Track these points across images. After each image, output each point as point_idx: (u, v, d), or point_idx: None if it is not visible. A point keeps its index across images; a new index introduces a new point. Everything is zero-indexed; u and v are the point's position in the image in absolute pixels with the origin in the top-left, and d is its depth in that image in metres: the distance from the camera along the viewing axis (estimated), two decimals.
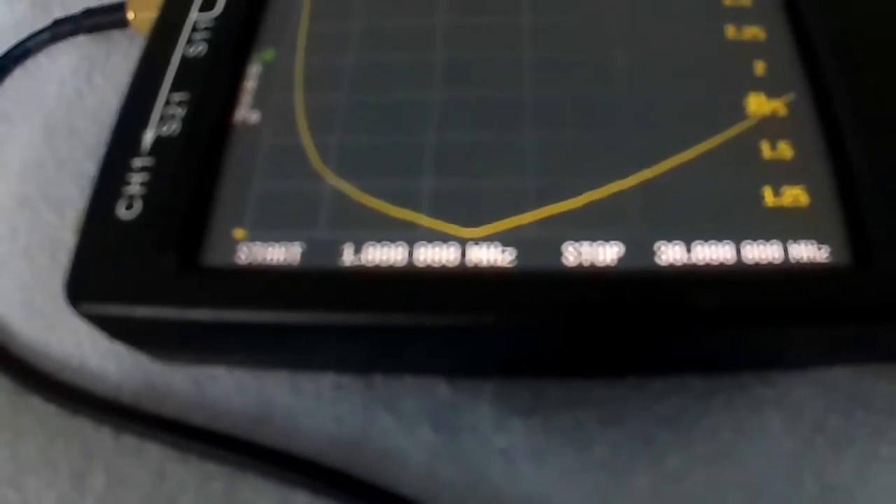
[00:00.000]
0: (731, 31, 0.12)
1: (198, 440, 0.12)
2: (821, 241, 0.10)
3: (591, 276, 0.10)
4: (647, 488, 0.11)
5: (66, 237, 0.15)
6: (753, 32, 0.12)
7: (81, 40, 0.18)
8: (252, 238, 0.11)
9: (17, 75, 0.18)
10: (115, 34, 0.17)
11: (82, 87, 0.17)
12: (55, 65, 0.17)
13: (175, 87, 0.12)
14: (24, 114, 0.17)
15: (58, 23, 0.17)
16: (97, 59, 0.17)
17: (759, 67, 0.12)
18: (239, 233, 0.11)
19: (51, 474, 0.13)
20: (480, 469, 0.11)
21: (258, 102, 0.12)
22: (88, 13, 0.17)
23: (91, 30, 0.17)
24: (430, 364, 0.12)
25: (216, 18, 0.13)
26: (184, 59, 0.13)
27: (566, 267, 0.10)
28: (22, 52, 0.18)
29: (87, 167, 0.16)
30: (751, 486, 0.11)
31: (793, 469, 0.11)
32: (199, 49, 0.13)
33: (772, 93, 0.12)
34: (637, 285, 0.10)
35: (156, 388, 0.13)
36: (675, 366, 0.12)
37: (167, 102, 0.12)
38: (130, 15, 0.16)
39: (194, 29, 0.13)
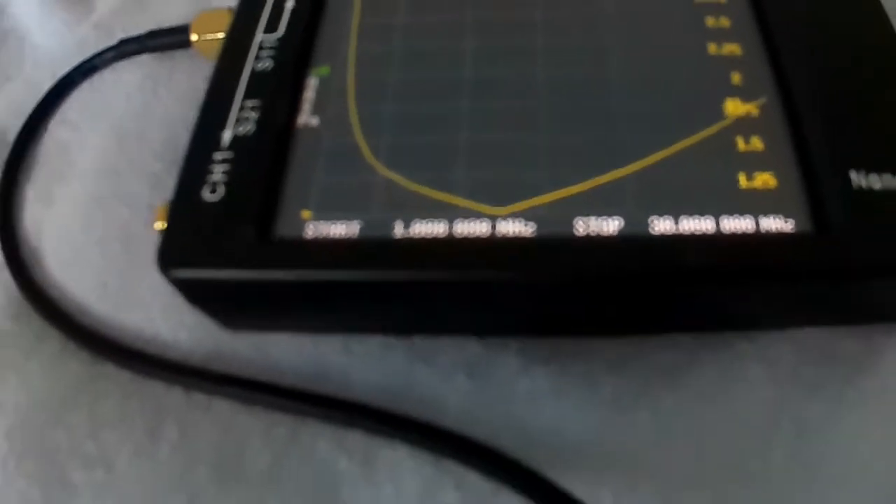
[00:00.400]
0: (712, 47, 0.16)
1: (263, 392, 0.15)
2: (787, 216, 0.13)
3: (597, 243, 0.13)
4: (646, 422, 0.14)
5: (138, 229, 0.18)
6: (731, 49, 0.16)
7: (145, 59, 0.21)
8: (317, 218, 0.14)
9: (85, 89, 0.21)
10: (177, 54, 0.21)
11: (149, 99, 0.20)
12: (121, 80, 0.21)
13: (248, 95, 0.15)
14: (93, 123, 0.20)
15: (124, 42, 0.21)
16: (161, 76, 0.20)
17: (736, 78, 0.15)
18: (306, 213, 0.14)
19: (127, 429, 0.16)
20: (508, 407, 0.14)
21: (317, 109, 0.16)
22: (153, 34, 0.20)
23: (155, 49, 0.20)
24: (463, 323, 0.15)
25: (279, 39, 0.16)
26: (253, 72, 0.16)
27: (576, 235, 0.13)
28: (89, 67, 0.21)
29: (156, 168, 0.19)
30: (735, 422, 0.14)
31: (771, 409, 0.14)
32: (266, 64, 0.16)
33: (746, 98, 0.15)
34: (634, 248, 0.13)
35: (222, 354, 0.16)
36: (668, 324, 0.15)
37: (241, 108, 0.15)
38: (193, 37, 0.19)
39: (261, 48, 0.16)
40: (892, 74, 0.14)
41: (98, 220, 0.18)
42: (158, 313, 0.17)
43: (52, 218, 0.19)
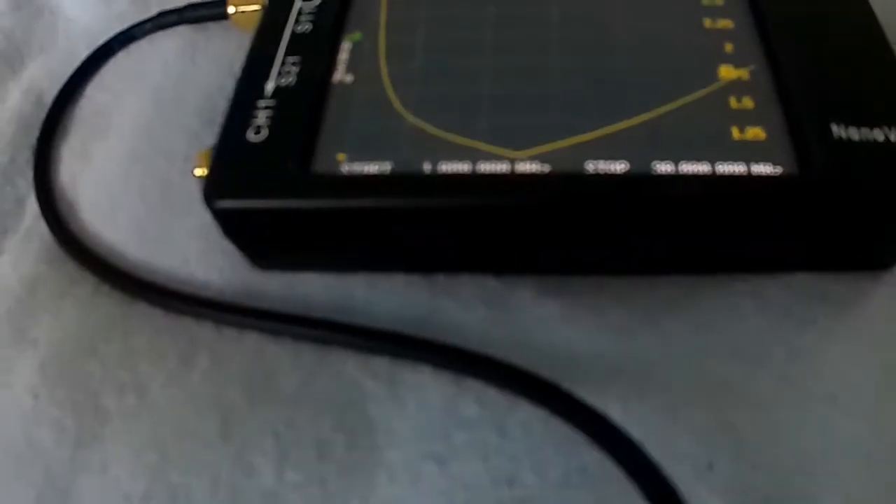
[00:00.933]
0: (707, 22, 0.18)
1: (291, 323, 0.17)
2: (776, 163, 0.16)
3: (605, 178, 0.15)
4: (650, 345, 0.16)
5: (175, 179, 0.20)
6: (725, 23, 0.18)
7: (181, 30, 0.23)
8: (351, 159, 0.16)
9: (122, 57, 0.23)
10: (212, 26, 0.23)
11: (186, 67, 0.22)
12: (158, 49, 0.23)
13: (289, 52, 0.18)
14: (130, 87, 0.22)
15: (162, 14, 0.23)
16: (199, 45, 0.23)
17: (729, 47, 0.18)
18: (341, 156, 0.16)
19: (160, 359, 0.17)
20: (524, 331, 0.16)
21: (351, 68, 0.18)
22: (192, 6, 0.23)
23: (192, 21, 0.23)
24: (483, 259, 0.17)
25: (317, 6, 0.19)
26: (293, 34, 0.18)
27: (587, 173, 0.15)
28: (127, 37, 0.23)
29: (193, 125, 0.21)
30: (730, 348, 0.16)
31: (764, 339, 0.16)
32: (306, 27, 0.18)
33: (738, 64, 0.17)
34: (638, 182, 0.15)
35: (252, 293, 0.18)
36: (669, 263, 0.17)
37: (283, 63, 0.18)
38: (231, 9, 0.22)
39: (300, 13, 0.19)
40: (868, 41, 0.17)
41: (135, 172, 0.20)
42: (193, 257, 0.19)
43: (89, 172, 0.21)
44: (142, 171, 0.20)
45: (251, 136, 0.16)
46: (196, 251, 0.19)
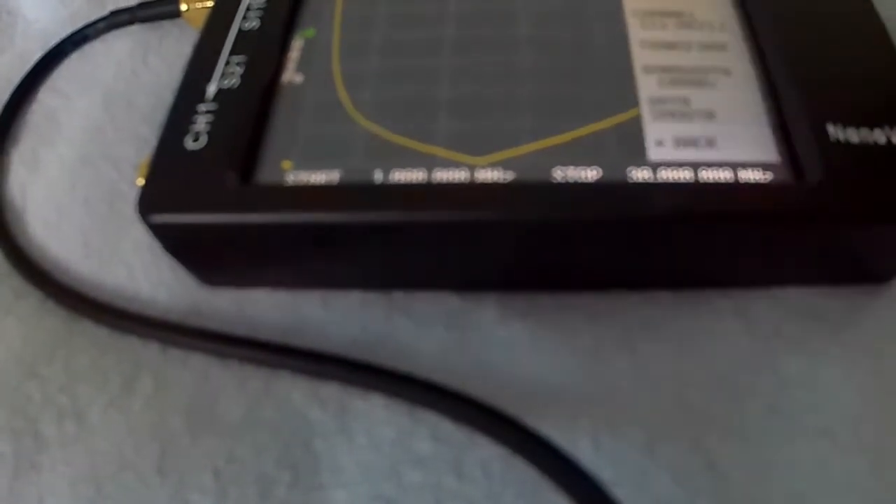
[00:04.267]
0: None
1: (236, 345, 0.15)
2: (765, 169, 0.14)
3: (574, 187, 0.13)
4: (625, 371, 0.14)
5: (124, 189, 0.18)
6: None
7: (135, 29, 0.21)
8: (297, 168, 0.14)
9: (74, 58, 0.21)
10: (167, 24, 0.21)
11: (138, 67, 0.20)
12: (111, 49, 0.21)
13: (234, 51, 0.16)
14: (83, 90, 0.20)
15: (115, 13, 0.21)
16: (151, 44, 0.21)
17: None
18: (286, 164, 0.14)
19: (102, 382, 0.15)
20: (486, 357, 0.14)
21: (302, 67, 0.16)
22: (144, 5, 0.21)
23: (145, 20, 0.21)
24: (442, 275, 0.15)
25: (266, 1, 0.17)
26: (240, 31, 0.16)
27: (554, 181, 0.13)
28: (80, 37, 0.21)
29: (144, 131, 0.19)
30: (714, 374, 0.14)
31: (752, 363, 0.14)
32: (254, 24, 0.16)
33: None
34: (611, 191, 0.13)
35: (201, 312, 0.16)
36: (646, 277, 0.15)
37: (227, 63, 0.15)
38: (183, 7, 0.20)
39: (248, 8, 0.17)
40: (867, 34, 0.15)
41: (84, 181, 0.18)
42: (140, 272, 0.17)
43: (37, 181, 0.19)
44: (90, 180, 0.18)
45: (189, 143, 0.14)
46: (143, 266, 0.17)
